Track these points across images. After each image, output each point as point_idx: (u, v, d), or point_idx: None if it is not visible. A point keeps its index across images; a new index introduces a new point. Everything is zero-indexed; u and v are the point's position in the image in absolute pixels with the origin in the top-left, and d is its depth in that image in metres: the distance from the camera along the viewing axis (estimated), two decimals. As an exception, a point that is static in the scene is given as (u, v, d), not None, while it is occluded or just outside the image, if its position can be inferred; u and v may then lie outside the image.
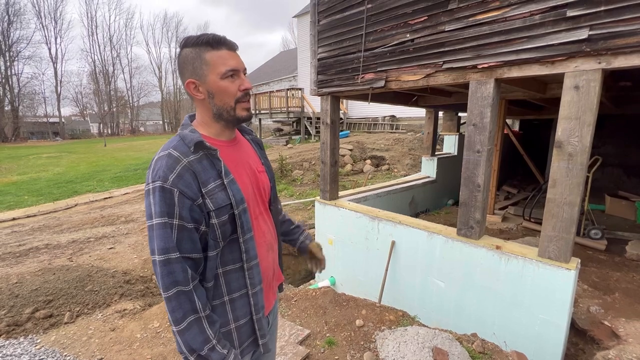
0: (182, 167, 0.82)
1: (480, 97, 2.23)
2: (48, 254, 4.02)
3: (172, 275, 0.81)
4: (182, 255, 0.82)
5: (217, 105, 0.90)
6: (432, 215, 5.44)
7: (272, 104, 14.01)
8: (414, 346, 1.98)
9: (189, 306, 0.83)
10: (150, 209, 0.82)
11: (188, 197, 0.82)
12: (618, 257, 3.60)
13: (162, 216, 0.80)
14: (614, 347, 2.13)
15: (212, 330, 0.86)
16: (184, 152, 0.85)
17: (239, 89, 0.90)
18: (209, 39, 0.87)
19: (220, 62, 0.87)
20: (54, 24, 32.97)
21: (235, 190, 0.89)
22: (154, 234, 0.81)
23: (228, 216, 0.88)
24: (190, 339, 0.83)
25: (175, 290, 0.81)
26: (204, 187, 0.84)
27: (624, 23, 1.67)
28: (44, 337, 2.55)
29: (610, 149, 6.82)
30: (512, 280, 2.23)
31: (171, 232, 0.81)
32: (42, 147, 21.13)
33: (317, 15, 3.28)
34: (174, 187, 0.80)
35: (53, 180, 10.07)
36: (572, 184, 1.92)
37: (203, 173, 0.85)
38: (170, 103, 42.37)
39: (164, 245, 0.80)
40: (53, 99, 34.37)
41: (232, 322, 0.94)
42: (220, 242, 0.88)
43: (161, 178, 0.81)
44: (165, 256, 0.80)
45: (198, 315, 0.84)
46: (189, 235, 0.83)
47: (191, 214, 0.83)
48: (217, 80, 0.88)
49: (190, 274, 0.83)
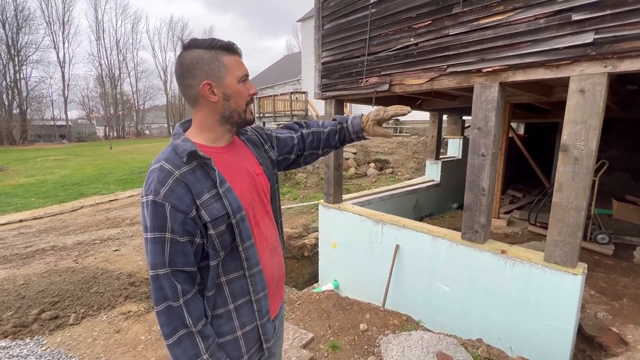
0: (174, 180, 0.81)
1: (485, 101, 2.23)
2: (54, 256, 4.05)
3: (161, 290, 0.81)
4: (174, 270, 0.82)
5: (232, 107, 0.91)
6: (436, 219, 5.41)
7: (276, 107, 14.08)
8: (418, 351, 1.96)
9: (179, 321, 0.82)
10: (144, 221, 0.83)
11: (180, 211, 0.81)
12: (626, 263, 3.55)
13: (154, 231, 0.80)
14: (622, 354, 2.10)
15: (204, 345, 0.85)
16: (176, 164, 0.83)
17: (249, 93, 0.94)
18: (224, 43, 0.89)
19: (237, 66, 0.90)
20: (62, 28, 33.53)
21: (231, 199, 0.88)
22: (147, 248, 0.82)
23: (226, 226, 0.87)
24: (179, 354, 0.83)
25: (165, 305, 0.81)
26: (198, 199, 0.83)
27: (630, 27, 1.66)
28: (49, 339, 2.57)
29: (617, 152, 6.74)
30: (518, 285, 2.20)
31: (162, 247, 0.81)
32: (49, 150, 21.41)
33: (322, 20, 3.31)
34: (166, 202, 0.80)
35: (59, 182, 10.18)
36: (578, 188, 1.90)
37: (197, 184, 0.84)
38: (175, 106, 42.76)
39: (152, 261, 0.81)
40: (60, 102, 34.88)
41: (239, 329, 0.94)
42: (221, 251, 0.87)
43: (153, 192, 0.80)
44: (154, 272, 0.81)
45: (189, 329, 0.83)
46: (182, 249, 0.82)
47: (184, 227, 0.82)
48: (235, 83, 0.90)
49: (180, 289, 0.82)
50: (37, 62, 31.89)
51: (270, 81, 23.74)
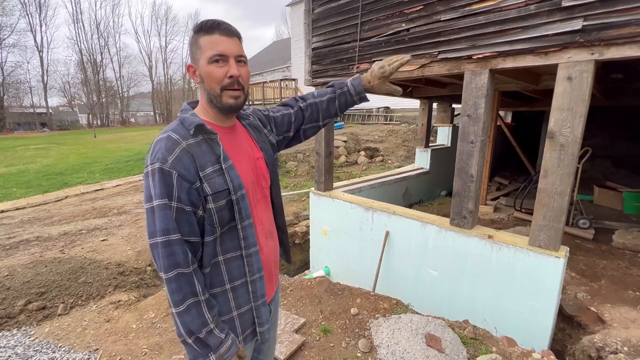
0: (181, 149, 0.83)
1: (475, 88, 2.24)
2: (39, 247, 3.96)
3: (173, 256, 0.81)
4: (181, 238, 0.82)
5: (207, 90, 0.89)
6: (425, 206, 5.50)
7: (265, 94, 13.87)
8: (407, 333, 2.02)
9: (188, 289, 0.83)
10: (149, 190, 0.82)
11: (186, 180, 0.82)
12: (605, 246, 3.70)
13: (162, 197, 0.80)
14: (600, 332, 2.21)
15: (211, 314, 0.86)
16: (183, 135, 0.85)
17: (226, 75, 0.87)
18: (204, 23, 0.87)
19: (210, 46, 0.86)
20: (39, 10, 31.79)
21: (233, 176, 0.89)
22: (154, 216, 0.81)
23: (226, 202, 0.88)
24: (189, 322, 0.84)
25: (176, 272, 0.81)
26: (201, 171, 0.84)
27: (617, 14, 1.68)
28: (37, 329, 2.54)
29: (599, 140, 6.93)
30: (504, 269, 2.28)
31: (171, 213, 0.81)
32: (30, 139, 20.63)
33: (312, 3, 3.23)
34: (173, 169, 0.81)
35: (42, 172, 9.86)
36: (563, 174, 1.95)
37: (201, 157, 0.85)
38: (161, 94, 41.49)
39: (164, 227, 0.80)
40: (39, 88, 33.33)
41: (235, 309, 0.95)
42: (217, 227, 0.88)
43: (160, 160, 0.81)
44: (167, 237, 0.81)
45: (197, 298, 0.84)
46: (187, 218, 0.83)
47: (189, 197, 0.83)
48: (205, 65, 0.87)
49: (190, 257, 0.83)
50: (13, 46, 30.31)
51: (259, 68, 23.25)
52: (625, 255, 3.46)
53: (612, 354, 1.97)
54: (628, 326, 2.20)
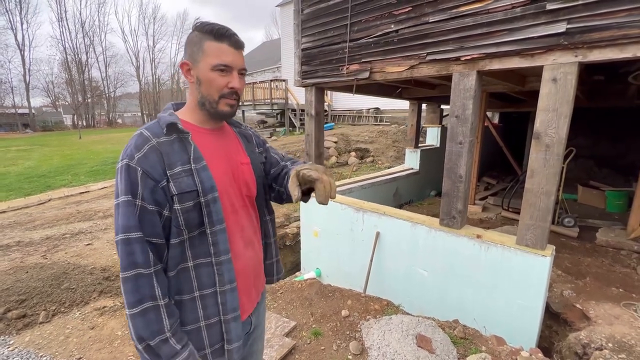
0: (150, 147, 0.82)
1: (463, 89, 2.26)
2: (20, 252, 3.82)
3: (132, 255, 0.78)
4: (143, 237, 0.80)
5: (202, 93, 0.90)
6: (415, 206, 5.54)
7: (255, 95, 13.75)
8: (398, 334, 2.02)
9: (147, 291, 0.79)
10: (117, 187, 0.81)
11: (151, 178, 0.81)
12: (589, 244, 3.79)
13: (127, 194, 0.79)
14: (585, 329, 2.25)
15: (169, 322, 0.81)
16: (156, 132, 0.85)
17: (227, 85, 0.89)
18: (214, 28, 0.87)
19: (216, 54, 0.87)
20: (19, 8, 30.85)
21: (205, 177, 0.86)
22: (119, 212, 0.80)
23: (194, 204, 0.85)
24: (141, 327, 0.78)
25: (134, 272, 0.78)
26: (169, 170, 0.83)
27: (599, 17, 1.72)
28: (17, 338, 2.44)
29: (583, 141, 7.11)
30: (492, 268, 2.30)
31: (134, 210, 0.79)
32: (11, 140, 19.99)
33: (301, 4, 3.22)
34: (138, 166, 0.80)
35: (24, 174, 9.55)
36: (549, 174, 1.99)
37: (172, 155, 0.84)
38: (148, 94, 40.76)
39: (126, 224, 0.79)
40: (21, 88, 32.31)
41: (203, 319, 0.89)
42: (184, 230, 0.85)
43: (128, 157, 0.81)
44: (126, 235, 0.78)
45: (156, 303, 0.80)
46: (150, 218, 0.81)
47: (153, 196, 0.81)
48: (207, 70, 0.87)
49: (151, 258, 0.80)
50: (-7, 45, 29.35)
51: (249, 69, 23.03)
52: (609, 253, 3.55)
53: (597, 350, 2.01)
54: (612, 322, 2.25)
